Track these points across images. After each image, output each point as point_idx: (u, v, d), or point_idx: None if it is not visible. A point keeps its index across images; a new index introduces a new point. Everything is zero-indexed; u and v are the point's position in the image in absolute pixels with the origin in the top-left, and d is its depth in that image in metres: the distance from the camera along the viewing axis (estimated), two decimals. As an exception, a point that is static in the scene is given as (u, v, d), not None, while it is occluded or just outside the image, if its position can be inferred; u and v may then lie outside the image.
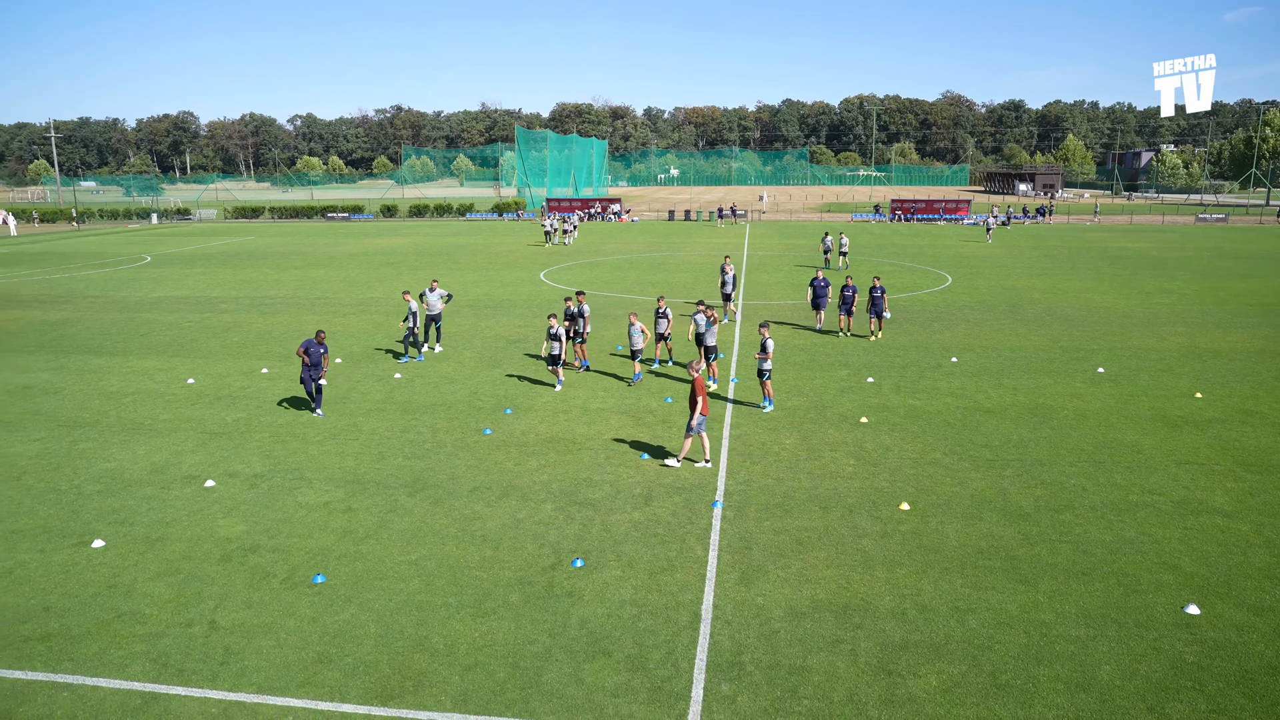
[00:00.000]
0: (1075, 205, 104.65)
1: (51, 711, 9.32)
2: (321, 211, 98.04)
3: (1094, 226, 77.07)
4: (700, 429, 15.93)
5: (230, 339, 28.73)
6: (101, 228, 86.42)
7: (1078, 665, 9.92)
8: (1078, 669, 9.84)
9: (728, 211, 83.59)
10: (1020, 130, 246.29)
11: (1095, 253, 53.99)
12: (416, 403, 20.78)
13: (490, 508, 14.51)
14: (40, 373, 24.30)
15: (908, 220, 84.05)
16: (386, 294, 37.92)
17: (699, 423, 15.84)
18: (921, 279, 41.89)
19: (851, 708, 9.25)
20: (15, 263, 53.88)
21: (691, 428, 15.89)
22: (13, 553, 13.03)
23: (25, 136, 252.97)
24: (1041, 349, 26.08)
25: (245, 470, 16.37)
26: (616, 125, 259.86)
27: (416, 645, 10.47)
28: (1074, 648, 10.26)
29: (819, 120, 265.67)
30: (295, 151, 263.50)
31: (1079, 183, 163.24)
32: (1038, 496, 14.78)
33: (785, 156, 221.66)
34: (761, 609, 11.23)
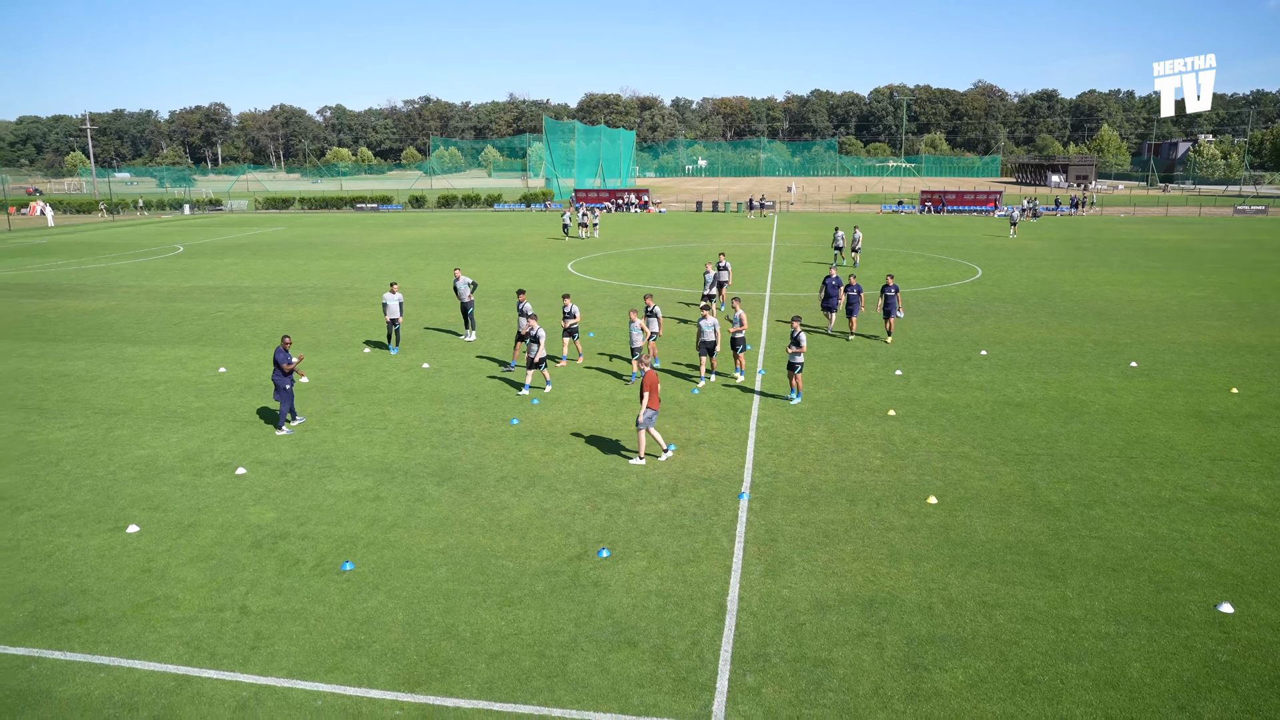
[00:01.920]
0: (1108, 197, 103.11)
1: (89, 691, 9.51)
2: (350, 202, 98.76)
3: (1128, 219, 75.94)
4: (649, 424, 15.79)
5: (261, 328, 29.04)
6: (135, 218, 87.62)
7: (1107, 662, 9.82)
8: (1107, 666, 9.75)
9: (757, 203, 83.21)
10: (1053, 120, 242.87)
11: (1129, 245, 53.22)
12: (444, 392, 20.92)
13: (517, 497, 14.59)
14: (77, 361, 24.72)
15: (937, 212, 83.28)
16: (415, 284, 38.14)
17: (648, 417, 15.71)
18: (951, 271, 41.50)
19: (877, 701, 9.22)
20: (53, 253, 54.78)
21: (640, 422, 15.75)
22: (51, 536, 13.29)
23: (62, 129, 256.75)
24: (1073, 342, 25.77)
25: (275, 458, 16.57)
26: (644, 116, 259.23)
27: (443, 633, 10.56)
28: (1103, 644, 10.15)
29: (848, 111, 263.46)
30: (325, 143, 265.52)
31: (1113, 174, 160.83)
32: (1068, 492, 14.63)
33: (814, 147, 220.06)
34: (787, 601, 11.22)
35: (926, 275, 40.04)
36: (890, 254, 48.35)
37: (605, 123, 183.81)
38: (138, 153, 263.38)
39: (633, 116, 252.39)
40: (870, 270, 41.22)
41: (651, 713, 9.09)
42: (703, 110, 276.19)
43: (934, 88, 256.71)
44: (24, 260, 50.60)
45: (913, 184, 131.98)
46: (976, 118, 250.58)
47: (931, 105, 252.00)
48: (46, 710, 9.22)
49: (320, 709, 9.19)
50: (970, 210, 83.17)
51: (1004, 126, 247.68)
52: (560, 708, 9.18)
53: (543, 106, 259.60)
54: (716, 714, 9.06)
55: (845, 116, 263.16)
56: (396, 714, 9.10)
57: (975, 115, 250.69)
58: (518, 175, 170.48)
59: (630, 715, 9.05)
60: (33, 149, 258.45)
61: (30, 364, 24.36)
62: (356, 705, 9.25)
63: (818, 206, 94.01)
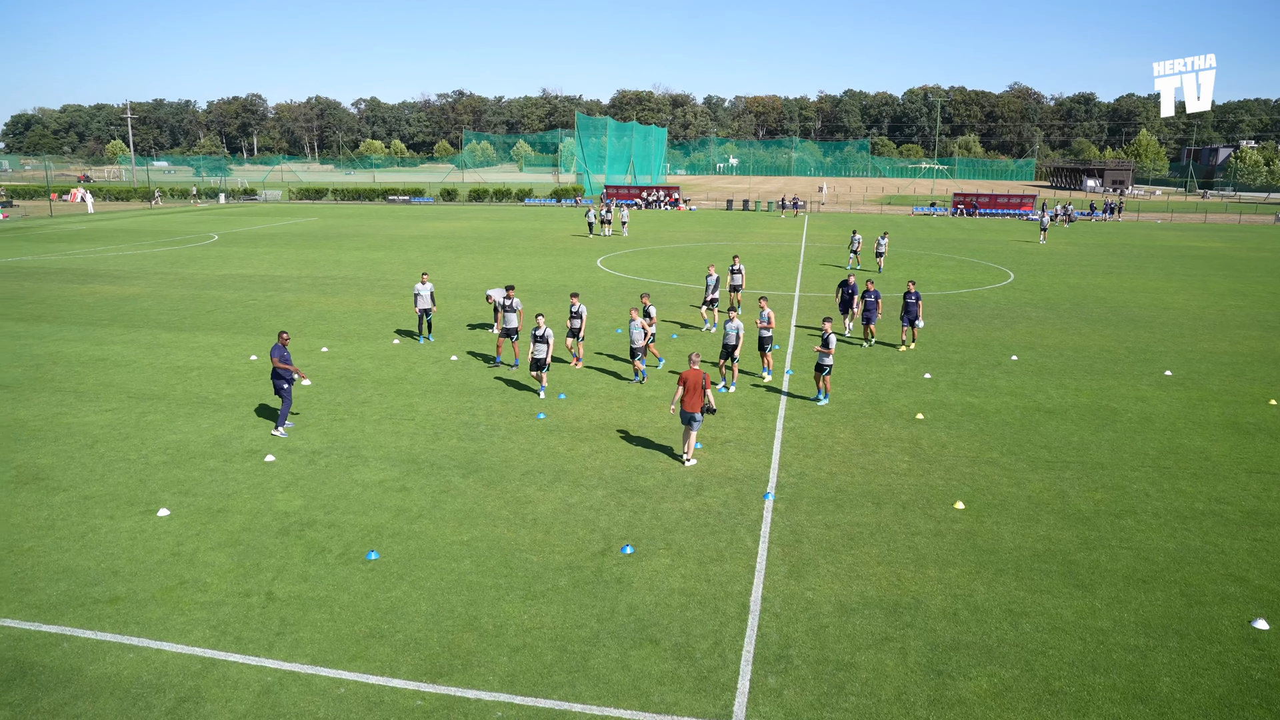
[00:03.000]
0: (1146, 202, 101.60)
1: (119, 671, 9.65)
2: (383, 194, 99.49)
3: (1165, 225, 74.78)
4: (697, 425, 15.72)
5: (292, 317, 29.33)
6: (173, 206, 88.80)
7: (1136, 675, 9.67)
8: (1135, 679, 9.60)
9: (789, 203, 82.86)
10: (1090, 124, 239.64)
11: (1166, 251, 52.41)
12: (472, 385, 21.01)
13: (542, 492, 14.62)
14: (113, 345, 25.09)
15: (970, 214, 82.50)
16: (444, 276, 38.33)
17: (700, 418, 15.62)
18: (983, 275, 41.09)
19: (899, 706, 9.15)
20: (92, 239, 55.65)
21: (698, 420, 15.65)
22: (85, 518, 13.50)
23: (104, 117, 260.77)
24: (1106, 349, 25.43)
25: (304, 446, 16.72)
26: (676, 113, 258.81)
27: (466, 625, 10.61)
28: (1132, 657, 10.01)
29: (881, 111, 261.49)
30: (358, 134, 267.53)
31: (1150, 179, 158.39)
32: (1098, 500, 14.43)
33: (846, 148, 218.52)
34: (810, 603, 11.16)
35: (957, 278, 39.67)
36: (921, 256, 47.95)
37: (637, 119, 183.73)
38: (176, 142, 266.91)
39: (665, 113, 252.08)
40: (898, 273, 40.91)
41: (672, 711, 9.07)
42: (735, 108, 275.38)
43: (969, 89, 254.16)
44: (65, 246, 51.45)
45: (945, 186, 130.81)
46: (1012, 120, 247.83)
47: (966, 107, 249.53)
48: (77, 687, 9.37)
49: (343, 696, 9.26)
50: (1003, 214, 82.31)
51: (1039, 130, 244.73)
52: (581, 703, 9.19)
53: (575, 102, 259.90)
54: (737, 714, 9.03)
55: (878, 117, 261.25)
56: (418, 704, 9.16)
57: (1010, 118, 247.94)
58: (549, 170, 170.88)
59: (651, 713, 9.04)
60: (75, 137, 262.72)
61: (69, 347, 24.77)
62: (379, 694, 9.31)
63: (849, 207, 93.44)
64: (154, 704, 9.12)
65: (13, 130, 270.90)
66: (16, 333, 26.73)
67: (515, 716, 8.98)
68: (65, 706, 9.08)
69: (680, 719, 8.96)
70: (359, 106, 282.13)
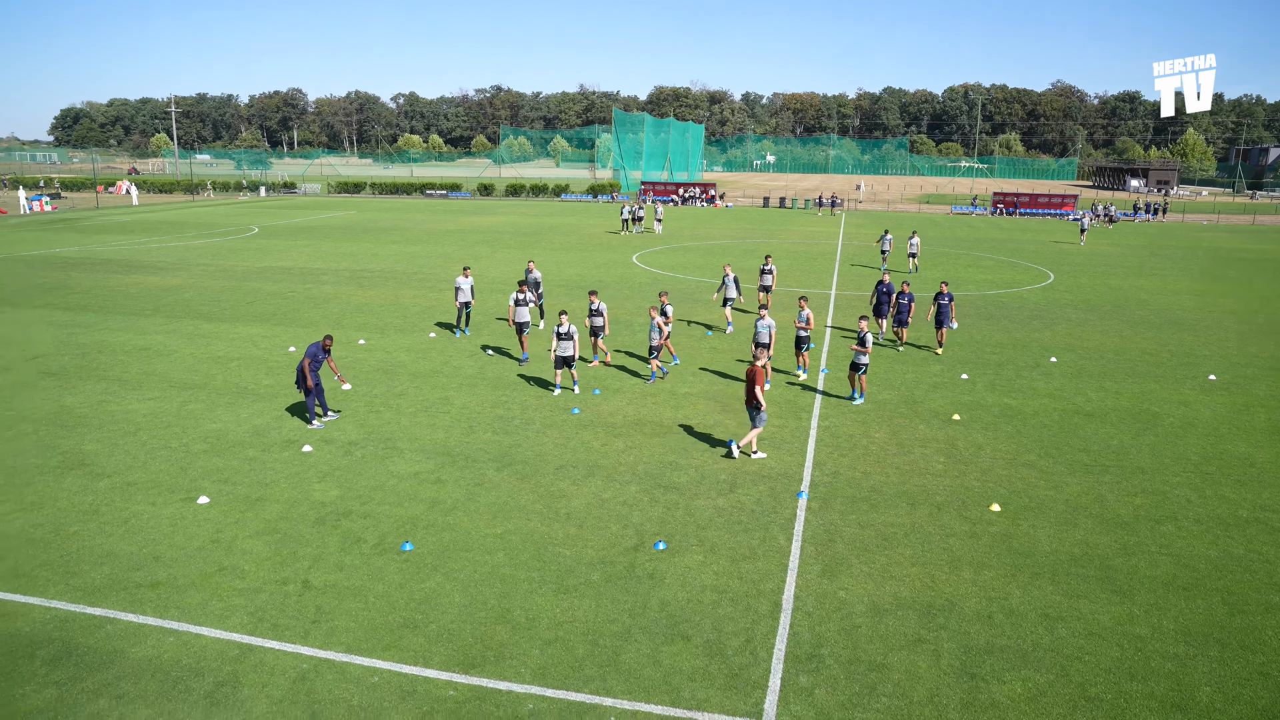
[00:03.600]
0: (1191, 203, 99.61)
1: (160, 654, 9.85)
2: (420, 188, 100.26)
3: (1211, 226, 73.28)
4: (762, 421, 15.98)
5: (330, 309, 29.67)
6: (215, 199, 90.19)
7: (1175, 684, 9.52)
8: (1174, 688, 9.45)
9: (826, 201, 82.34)
10: (1135, 123, 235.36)
11: (1211, 253, 51.37)
12: (507, 379, 21.13)
13: (576, 486, 14.68)
14: (156, 335, 25.56)
15: (1010, 214, 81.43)
16: (481, 271, 38.56)
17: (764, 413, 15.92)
18: (1022, 275, 40.55)
19: (932, 709, 9.08)
20: (136, 230, 56.69)
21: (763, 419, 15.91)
22: (128, 504, 13.78)
23: (149, 111, 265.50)
24: (1148, 352, 24.99)
25: (340, 438, 16.92)
26: (714, 110, 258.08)
27: (499, 617, 10.69)
28: (1171, 665, 9.85)
29: (920, 109, 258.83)
30: (397, 129, 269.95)
31: (1196, 179, 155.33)
32: (1137, 506, 14.21)
33: (884, 145, 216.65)
34: (843, 603, 11.11)
35: (996, 278, 39.20)
36: (960, 256, 47.43)
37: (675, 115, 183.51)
38: (218, 135, 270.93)
39: (702, 110, 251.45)
40: (936, 272, 40.51)
41: (703, 707, 9.08)
42: (772, 105, 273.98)
43: (1010, 87, 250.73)
44: (110, 237, 52.45)
45: (985, 185, 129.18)
46: (1054, 119, 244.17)
47: (1007, 105, 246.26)
48: (121, 668, 9.58)
49: (376, 685, 9.38)
50: (1044, 213, 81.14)
51: (1082, 128, 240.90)
52: (612, 697, 9.22)
53: (612, 98, 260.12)
54: (768, 713, 9.01)
55: (917, 115, 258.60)
56: (450, 694, 9.24)
57: (1053, 116, 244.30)
58: (586, 166, 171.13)
59: (681, 709, 9.06)
60: (121, 130, 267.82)
61: (114, 337, 25.27)
62: (412, 683, 9.41)
63: (886, 205, 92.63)
64: (193, 687, 9.30)
65: (62, 124, 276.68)
66: (64, 322, 27.32)
67: (546, 709, 9.03)
68: (109, 687, 9.28)
69: (711, 715, 8.96)
70: (398, 101, 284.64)
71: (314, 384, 17.23)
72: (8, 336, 25.16)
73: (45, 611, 10.71)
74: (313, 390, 17.29)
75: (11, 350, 23.51)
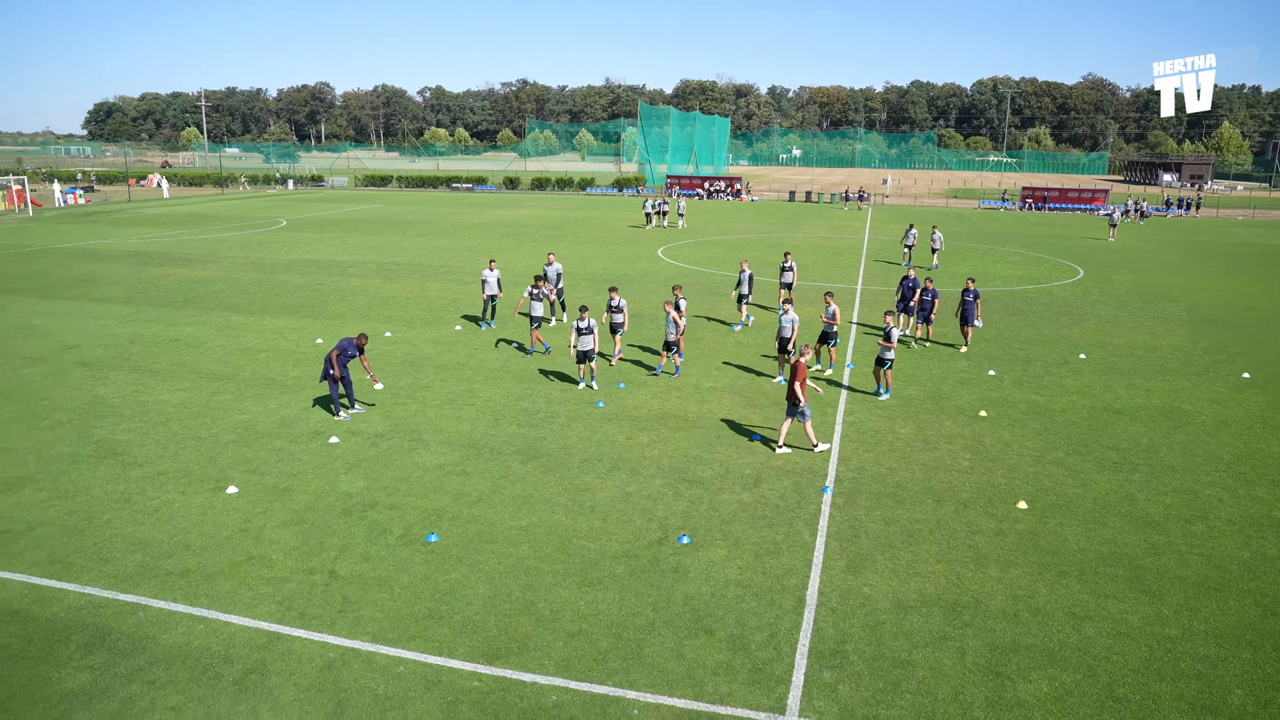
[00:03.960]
0: (1226, 198, 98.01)
1: (190, 641, 9.99)
2: (446, 182, 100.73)
3: (1246, 222, 72.12)
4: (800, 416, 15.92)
5: (356, 302, 29.90)
6: (244, 192, 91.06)
7: (1205, 686, 9.40)
8: (1205, 690, 9.34)
9: (853, 195, 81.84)
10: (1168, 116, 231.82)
11: (1246, 250, 50.56)
12: (532, 372, 21.20)
13: (600, 480, 14.72)
14: (186, 327, 25.87)
15: (1039, 209, 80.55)
16: (506, 264, 38.67)
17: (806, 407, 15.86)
18: (1051, 271, 40.12)
19: (956, 706, 9.03)
20: (167, 223, 57.37)
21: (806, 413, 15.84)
22: (159, 493, 13.98)
23: (179, 105, 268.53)
24: (1179, 350, 24.65)
25: (367, 429, 17.06)
26: (740, 103, 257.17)
27: (523, 609, 10.74)
28: (1202, 667, 9.73)
29: (948, 103, 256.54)
30: (423, 122, 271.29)
31: (1231, 174, 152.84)
32: (1168, 505, 14.03)
33: (911, 139, 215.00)
34: (868, 599, 11.07)
35: (1024, 274, 38.80)
36: (988, 251, 47.00)
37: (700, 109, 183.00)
38: (246, 129, 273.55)
39: (728, 103, 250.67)
40: (963, 268, 40.18)
41: (726, 701, 9.09)
42: (799, 99, 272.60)
43: (1040, 80, 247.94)
44: (142, 229, 53.13)
45: (1013, 179, 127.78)
46: (1085, 112, 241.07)
47: (1037, 98, 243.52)
48: (152, 654, 9.73)
49: (401, 674, 9.46)
50: (1074, 208, 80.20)
51: (1114, 122, 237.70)
52: (635, 690, 9.25)
53: (638, 91, 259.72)
54: (791, 708, 9.00)
55: (945, 108, 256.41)
56: (474, 685, 9.31)
57: (1083, 110, 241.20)
58: (611, 160, 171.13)
59: (704, 703, 9.07)
60: (152, 124, 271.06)
61: (145, 328, 25.61)
62: (436, 673, 9.49)
63: (913, 200, 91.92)
64: (222, 674, 9.43)
65: (95, 118, 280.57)
66: (98, 313, 27.72)
67: (570, 701, 9.08)
68: (141, 672, 9.43)
69: (734, 710, 8.97)
70: (424, 95, 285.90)
71: (341, 375, 17.37)
72: (44, 328, 25.57)
73: (80, 597, 10.89)
74: (339, 381, 17.42)
75: (48, 341, 23.89)
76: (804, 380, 15.64)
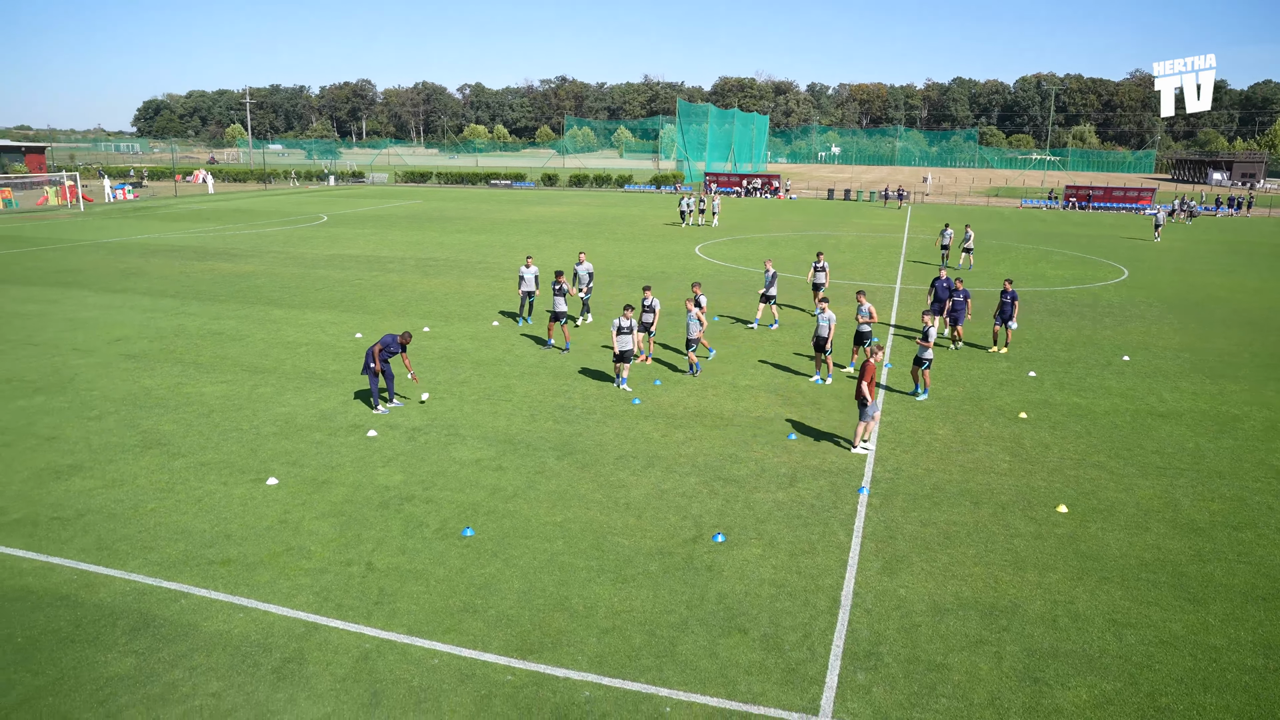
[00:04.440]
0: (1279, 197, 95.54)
1: (230, 629, 10.16)
2: (485, 178, 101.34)
3: (1299, 222, 70.28)
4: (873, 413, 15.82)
5: (395, 297, 30.19)
6: (294, 188, 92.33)
7: (1252, 697, 9.20)
8: (1252, 701, 9.13)
9: (894, 193, 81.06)
10: (1219, 113, 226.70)
11: (1298, 251, 49.27)
12: (569, 369, 21.27)
13: (635, 476, 14.73)
14: (229, 320, 26.31)
15: (1082, 208, 79.19)
16: (544, 261, 38.80)
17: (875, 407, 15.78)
18: (1094, 271, 39.44)
19: (992, 712, 8.92)
20: (212, 219, 58.36)
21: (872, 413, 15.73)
22: (202, 483, 14.23)
23: (224, 102, 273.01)
24: (1228, 353, 24.11)
25: (405, 423, 17.22)
26: (779, 101, 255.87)
27: (557, 604, 10.79)
28: (1248, 678, 9.51)
29: (991, 100, 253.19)
30: (463, 119, 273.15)
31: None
32: (1214, 511, 13.74)
33: (953, 137, 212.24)
34: (903, 601, 10.97)
35: (1067, 274, 38.18)
36: (1030, 250, 46.32)
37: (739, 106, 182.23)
38: (289, 126, 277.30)
39: (767, 101, 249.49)
40: (1003, 268, 39.64)
41: (758, 701, 9.06)
42: (839, 96, 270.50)
43: (1086, 77, 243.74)
44: (187, 225, 54.10)
45: (1056, 178, 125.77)
46: (1131, 109, 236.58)
47: (1082, 96, 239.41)
48: (194, 641, 9.91)
49: (436, 667, 9.54)
50: (1119, 208, 78.76)
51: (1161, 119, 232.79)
52: (668, 688, 9.25)
53: (677, 89, 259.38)
54: (824, 709, 8.95)
55: (988, 106, 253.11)
56: (508, 679, 9.36)
57: (1130, 107, 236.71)
58: (649, 157, 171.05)
59: (737, 701, 9.04)
60: (199, 121, 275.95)
61: (190, 321, 26.08)
62: (470, 666, 9.56)
63: (954, 198, 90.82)
64: (261, 662, 9.58)
65: (144, 115, 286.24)
66: (144, 306, 28.27)
67: (602, 697, 9.10)
68: (183, 659, 9.61)
69: (767, 709, 8.93)
70: (464, 92, 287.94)
71: (382, 369, 17.54)
72: (94, 320, 26.15)
73: (125, 584, 11.13)
74: (380, 374, 17.59)
75: (97, 333, 24.43)
76: (873, 380, 15.49)
